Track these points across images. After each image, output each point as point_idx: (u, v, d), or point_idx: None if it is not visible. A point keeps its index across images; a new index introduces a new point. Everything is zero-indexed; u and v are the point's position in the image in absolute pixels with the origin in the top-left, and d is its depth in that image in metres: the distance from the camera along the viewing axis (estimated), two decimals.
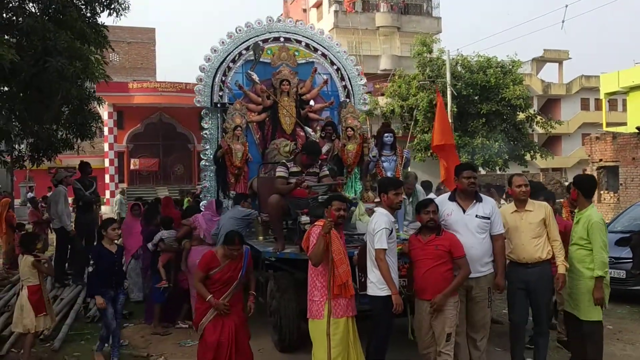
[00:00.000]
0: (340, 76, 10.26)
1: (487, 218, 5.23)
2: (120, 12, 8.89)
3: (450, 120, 22.17)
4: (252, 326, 5.70)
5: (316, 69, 10.04)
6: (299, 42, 10.11)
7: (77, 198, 10.33)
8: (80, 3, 8.47)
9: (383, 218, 5.03)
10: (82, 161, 10.63)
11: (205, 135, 9.67)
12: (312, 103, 10.08)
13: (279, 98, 9.49)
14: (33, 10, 7.96)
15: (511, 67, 27.09)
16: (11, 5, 7.89)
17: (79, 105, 8.89)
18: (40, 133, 8.54)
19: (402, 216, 7.11)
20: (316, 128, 9.63)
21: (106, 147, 31.98)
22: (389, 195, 5.17)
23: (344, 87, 10.27)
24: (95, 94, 9.31)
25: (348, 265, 5.01)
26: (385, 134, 8.01)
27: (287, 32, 10.11)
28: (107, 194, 31.32)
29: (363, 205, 7.58)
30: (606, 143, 20.83)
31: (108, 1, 8.68)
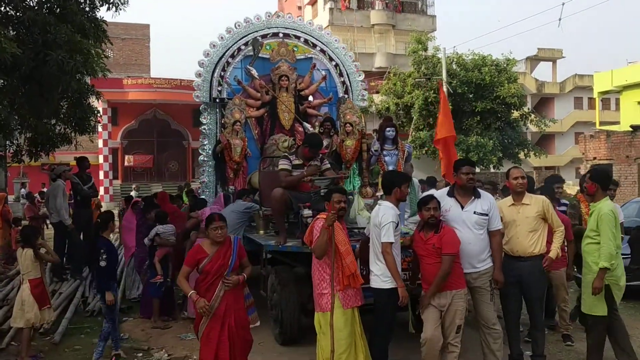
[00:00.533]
0: (338, 72, 10.27)
1: (485, 214, 5.23)
2: (119, 7, 8.84)
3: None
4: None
5: (315, 65, 10.04)
6: (298, 38, 10.11)
7: (75, 192, 10.31)
8: None
9: (390, 211, 5.04)
10: (81, 156, 10.61)
11: (203, 130, 9.66)
12: (311, 99, 10.09)
13: (278, 93, 9.50)
14: (32, 3, 7.91)
15: (506, 66, 27.16)
16: None
17: (78, 99, 8.86)
18: (39, 127, 8.49)
19: (403, 209, 7.15)
20: (315, 124, 9.64)
21: (100, 144, 31.81)
22: (402, 188, 5.23)
23: (343, 83, 10.28)
24: (94, 88, 9.27)
25: (353, 256, 5.06)
26: (387, 128, 8.04)
27: (286, 28, 10.11)
28: (102, 190, 31.14)
29: (362, 200, 7.60)
30: (600, 141, 21.00)
31: None
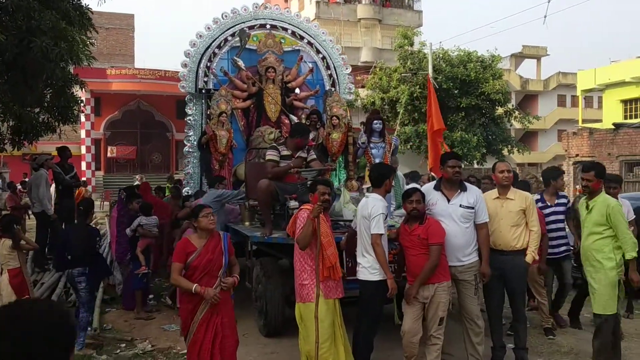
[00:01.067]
0: (325, 65, 10.25)
1: (472, 207, 5.25)
2: None
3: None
4: (237, 311, 5.69)
5: (302, 57, 10.02)
6: (285, 30, 10.07)
7: (57, 182, 10.20)
8: None
9: (380, 203, 5.05)
10: (62, 146, 10.48)
11: (189, 121, 9.60)
12: (298, 91, 10.07)
13: (265, 85, 9.46)
14: None
15: (491, 62, 27.30)
16: None
17: (62, 87, 8.75)
18: (22, 115, 8.37)
19: (390, 202, 7.17)
20: (301, 116, 9.63)
21: (83, 134, 31.42)
22: (390, 180, 5.29)
23: (330, 76, 10.26)
24: (78, 77, 9.16)
25: (335, 248, 5.04)
26: (374, 121, 8.07)
27: (274, 20, 10.07)
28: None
29: (348, 193, 7.60)
30: (583, 139, 21.24)
31: None
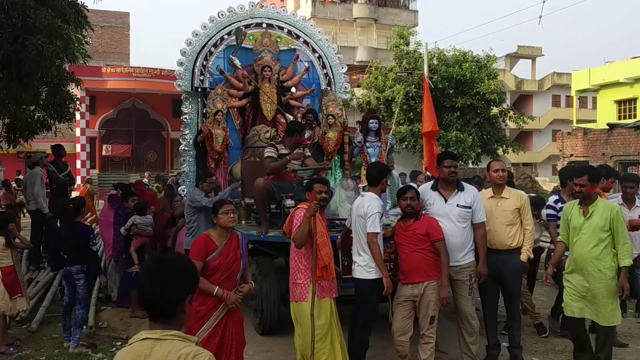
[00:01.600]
0: (321, 64, 10.24)
1: (469, 207, 5.28)
2: None
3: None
4: None
5: (298, 56, 10.00)
6: (282, 29, 10.05)
7: (51, 180, 10.18)
8: None
9: (375, 202, 5.08)
10: (56, 144, 10.46)
11: (185, 119, 9.58)
12: (294, 90, 10.05)
13: (261, 84, 9.45)
14: None
15: (486, 62, 27.38)
16: None
17: (58, 85, 8.73)
18: (18, 113, 8.35)
19: (385, 201, 7.19)
20: (297, 115, 9.62)
21: (78, 132, 31.39)
22: (386, 179, 5.32)
23: (325, 75, 10.25)
24: (73, 75, 9.14)
25: (330, 248, 5.04)
26: (370, 121, 8.08)
27: (270, 18, 10.03)
28: (79, 180, 30.79)
29: (343, 192, 7.61)
30: (577, 139, 21.35)
31: None
